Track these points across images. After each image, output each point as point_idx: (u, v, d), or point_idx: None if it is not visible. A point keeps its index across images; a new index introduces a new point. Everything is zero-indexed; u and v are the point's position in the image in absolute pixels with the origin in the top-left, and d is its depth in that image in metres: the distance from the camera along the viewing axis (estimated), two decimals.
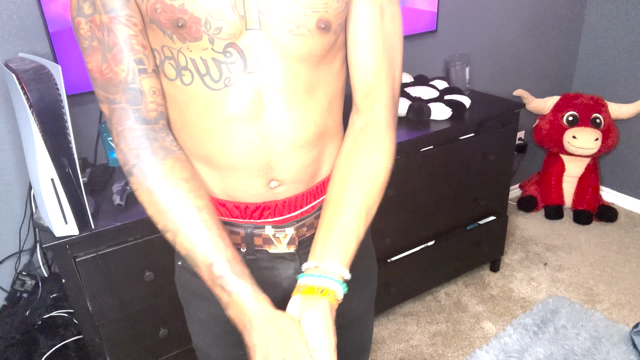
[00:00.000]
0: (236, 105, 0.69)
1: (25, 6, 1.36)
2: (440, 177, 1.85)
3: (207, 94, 0.68)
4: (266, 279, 0.81)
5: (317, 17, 0.67)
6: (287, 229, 0.78)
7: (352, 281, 0.88)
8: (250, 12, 0.65)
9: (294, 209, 0.79)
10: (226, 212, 0.77)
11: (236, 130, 0.70)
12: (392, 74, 0.77)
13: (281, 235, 0.78)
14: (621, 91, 2.60)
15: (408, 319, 2.04)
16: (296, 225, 0.79)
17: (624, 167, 2.71)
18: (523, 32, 2.45)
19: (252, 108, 0.69)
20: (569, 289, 2.18)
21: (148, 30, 0.67)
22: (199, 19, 0.63)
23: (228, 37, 0.65)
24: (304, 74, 0.70)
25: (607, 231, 2.55)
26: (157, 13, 0.64)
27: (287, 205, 0.78)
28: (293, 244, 0.79)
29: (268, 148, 0.72)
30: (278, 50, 0.68)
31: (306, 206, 0.80)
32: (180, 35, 0.65)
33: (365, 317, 0.96)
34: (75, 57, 1.39)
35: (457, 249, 2.04)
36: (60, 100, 1.10)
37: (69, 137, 1.13)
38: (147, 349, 1.43)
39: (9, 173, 1.46)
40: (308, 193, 0.79)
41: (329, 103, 0.75)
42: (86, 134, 1.56)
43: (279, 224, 0.78)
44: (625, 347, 1.80)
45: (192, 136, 0.73)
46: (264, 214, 0.77)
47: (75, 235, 1.20)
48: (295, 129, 0.72)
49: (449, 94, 1.91)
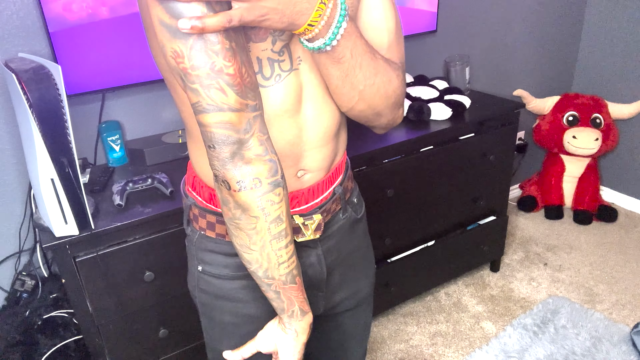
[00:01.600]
0: (284, 101, 0.72)
1: (25, 6, 1.36)
2: (440, 177, 1.85)
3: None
4: None
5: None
6: (313, 215, 0.81)
7: (358, 261, 0.95)
8: None
9: (317, 196, 0.82)
10: None
11: (280, 124, 0.73)
12: (400, 38, 0.80)
13: (309, 222, 0.81)
14: (621, 91, 2.60)
15: (408, 319, 2.04)
16: (319, 211, 0.82)
17: (624, 167, 2.70)
18: (523, 32, 2.45)
19: (295, 102, 0.73)
20: (569, 289, 2.17)
21: None
22: None
23: (287, 38, 0.68)
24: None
25: (607, 231, 2.55)
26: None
27: (311, 192, 0.81)
28: (319, 230, 0.82)
29: (303, 140, 0.76)
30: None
31: (325, 192, 0.83)
32: (247, 36, 0.65)
33: (370, 297, 1.02)
34: (75, 57, 1.39)
35: (457, 249, 2.04)
36: (60, 100, 1.10)
37: (69, 137, 1.13)
38: (147, 349, 1.43)
39: (9, 173, 1.46)
40: (327, 179, 0.83)
41: None
42: (86, 134, 1.56)
43: (305, 212, 0.81)
44: (625, 347, 1.80)
45: None
46: (292, 203, 0.80)
47: (75, 235, 1.20)
48: (327, 119, 0.77)
49: (449, 94, 1.91)
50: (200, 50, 0.56)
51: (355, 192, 0.94)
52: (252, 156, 0.63)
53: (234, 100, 0.59)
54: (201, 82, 0.58)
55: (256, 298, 0.83)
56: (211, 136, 0.61)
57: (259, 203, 0.64)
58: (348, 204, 0.90)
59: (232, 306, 0.84)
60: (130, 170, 1.53)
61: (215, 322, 0.87)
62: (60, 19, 1.34)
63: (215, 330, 0.88)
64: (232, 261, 0.81)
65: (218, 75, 0.57)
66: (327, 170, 0.83)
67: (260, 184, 0.64)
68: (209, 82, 0.58)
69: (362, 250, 0.96)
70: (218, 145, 0.61)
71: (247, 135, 0.62)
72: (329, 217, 0.85)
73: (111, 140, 1.53)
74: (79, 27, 1.37)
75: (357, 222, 0.93)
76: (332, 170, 0.84)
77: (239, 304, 0.83)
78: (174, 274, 1.37)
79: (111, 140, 1.53)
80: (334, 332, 1.00)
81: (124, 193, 1.34)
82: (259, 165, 0.63)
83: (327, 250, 0.87)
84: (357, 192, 0.95)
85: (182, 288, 1.39)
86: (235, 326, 0.85)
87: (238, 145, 0.62)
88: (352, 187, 0.93)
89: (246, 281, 0.82)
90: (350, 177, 0.91)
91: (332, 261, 0.88)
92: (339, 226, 0.88)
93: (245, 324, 0.85)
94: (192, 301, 0.89)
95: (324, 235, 0.85)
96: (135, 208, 1.31)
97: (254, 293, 0.82)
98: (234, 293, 0.82)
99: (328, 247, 0.87)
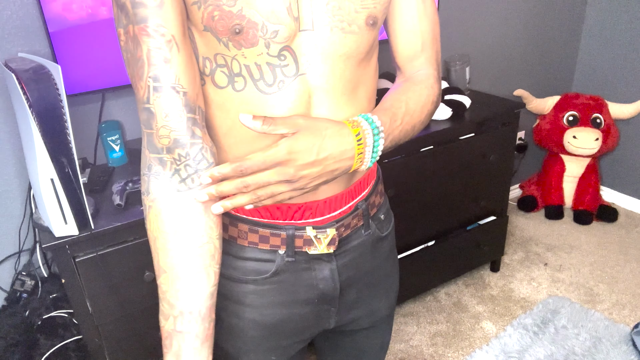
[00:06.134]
0: (288, 108, 0.68)
1: (25, 6, 1.36)
2: (440, 177, 1.85)
3: (259, 98, 0.68)
4: (303, 280, 0.80)
5: (367, 14, 0.68)
6: (328, 229, 0.77)
7: (379, 281, 0.90)
8: (303, 13, 0.65)
9: (334, 209, 0.78)
10: (267, 213, 0.76)
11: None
12: (436, 37, 0.79)
13: (322, 236, 0.77)
14: (621, 91, 2.60)
15: (408, 319, 2.04)
16: (336, 225, 0.78)
17: (624, 167, 2.70)
18: (523, 32, 2.44)
19: (302, 109, 0.69)
20: (569, 289, 2.17)
21: (200, 39, 0.65)
22: (256, 23, 0.63)
23: (283, 40, 0.65)
24: (350, 72, 0.71)
25: (607, 231, 2.55)
26: (215, 20, 0.62)
27: (328, 205, 0.77)
28: (333, 245, 0.78)
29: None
30: (329, 49, 0.68)
31: (344, 206, 0.79)
32: (236, 42, 0.64)
33: (390, 318, 0.97)
34: (75, 57, 1.39)
35: (457, 249, 2.03)
36: (60, 100, 1.09)
37: (68, 137, 1.13)
38: (147, 349, 1.43)
39: (8, 173, 1.46)
40: (347, 193, 0.79)
41: (368, 101, 0.76)
42: (86, 134, 1.56)
43: (319, 224, 0.78)
44: (626, 347, 1.80)
45: (240, 140, 0.71)
46: (305, 214, 0.76)
47: (75, 236, 1.20)
48: None
49: (449, 94, 1.91)
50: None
51: (383, 209, 0.88)
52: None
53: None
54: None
55: (263, 305, 0.81)
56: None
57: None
58: (373, 220, 0.85)
59: (239, 309, 0.82)
60: (130, 170, 1.53)
61: (223, 324, 0.86)
62: (60, 18, 1.34)
63: (222, 332, 0.87)
64: (241, 264, 0.80)
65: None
66: (347, 183, 0.79)
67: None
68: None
69: (385, 269, 0.91)
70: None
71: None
72: (349, 232, 0.81)
73: (111, 140, 1.53)
74: (79, 27, 1.37)
75: (381, 240, 0.88)
76: (355, 183, 0.80)
77: (246, 308, 0.81)
78: None
79: (111, 140, 1.53)
80: (350, 348, 0.97)
81: (124, 193, 1.34)
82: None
83: (344, 266, 0.83)
84: (385, 209, 0.90)
85: None
86: (241, 329, 0.84)
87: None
88: (380, 203, 0.88)
89: (254, 286, 0.80)
90: (379, 192, 0.87)
91: (348, 278, 0.84)
92: (359, 242, 0.84)
93: (250, 329, 0.83)
94: None
95: (340, 250, 0.81)
96: (135, 208, 1.31)
97: (262, 299, 0.81)
98: (241, 296, 0.81)
99: (345, 263, 0.83)
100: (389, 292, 0.93)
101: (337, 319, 0.87)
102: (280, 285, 0.80)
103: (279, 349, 0.85)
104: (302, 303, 0.82)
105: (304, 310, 0.82)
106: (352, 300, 0.87)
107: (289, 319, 0.82)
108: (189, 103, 0.63)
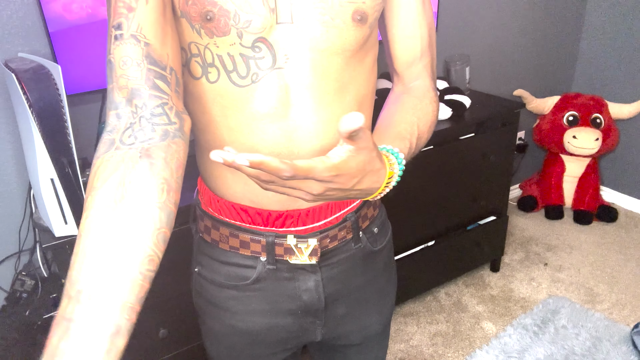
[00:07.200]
0: (263, 103, 0.65)
1: (25, 6, 1.36)
2: (440, 177, 1.85)
3: (233, 91, 0.65)
4: (285, 290, 0.78)
5: (354, 9, 0.65)
6: (309, 239, 0.74)
7: (371, 296, 0.86)
8: (281, 4, 0.62)
9: (318, 219, 0.75)
10: (248, 218, 0.74)
11: (262, 129, 0.67)
12: (433, 42, 0.78)
13: (303, 245, 0.74)
14: (621, 91, 2.60)
15: (408, 319, 2.04)
16: (319, 236, 0.75)
17: (624, 167, 2.70)
18: (523, 32, 2.45)
19: (279, 106, 0.66)
20: (569, 289, 2.17)
21: (177, 27, 0.64)
22: (228, 11, 0.61)
23: (257, 31, 0.62)
24: (335, 70, 0.67)
25: (607, 231, 2.55)
26: (188, 5, 0.61)
27: (311, 214, 0.74)
28: (315, 255, 0.75)
29: (293, 150, 0.68)
30: (310, 44, 0.64)
31: (330, 217, 0.76)
32: (208, 30, 0.62)
33: (383, 334, 0.93)
34: (75, 57, 1.39)
35: (457, 249, 2.04)
36: (60, 100, 1.09)
37: (68, 137, 1.13)
38: (147, 349, 1.43)
39: (9, 173, 1.46)
40: (333, 203, 0.75)
41: (359, 104, 0.72)
42: (86, 134, 1.55)
43: (301, 233, 0.75)
44: (626, 347, 1.80)
45: (216, 137, 0.69)
46: (287, 222, 0.74)
47: (75, 235, 1.20)
48: (323, 130, 0.68)
49: (449, 93, 1.91)
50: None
51: (377, 222, 0.84)
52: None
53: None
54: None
55: (245, 311, 0.79)
56: None
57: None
58: (365, 233, 0.81)
59: (221, 314, 0.80)
60: None
61: (208, 328, 0.84)
62: (60, 19, 1.34)
63: (208, 336, 0.86)
64: (224, 269, 0.78)
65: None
66: None
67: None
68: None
69: (379, 285, 0.87)
70: None
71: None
72: (335, 243, 0.78)
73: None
74: (79, 27, 1.37)
75: (374, 254, 0.84)
76: None
77: (227, 313, 0.79)
78: (174, 274, 1.37)
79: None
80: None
81: None
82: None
83: (330, 279, 0.79)
84: (380, 222, 0.85)
85: (182, 288, 1.39)
86: (223, 335, 0.83)
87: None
88: (374, 215, 0.84)
89: (235, 292, 0.78)
90: (373, 204, 0.83)
91: (336, 291, 0.81)
92: (347, 256, 0.80)
93: (230, 335, 0.82)
94: (192, 301, 0.88)
95: (326, 262, 0.78)
96: None
97: (243, 306, 0.79)
98: (223, 302, 0.79)
99: (331, 276, 0.79)
100: (383, 308, 0.89)
101: (325, 333, 0.84)
102: (261, 293, 0.78)
103: (263, 357, 0.84)
104: (285, 313, 0.79)
105: (286, 320, 0.80)
106: (341, 314, 0.83)
107: (271, 328, 0.80)
108: (151, 55, 0.57)
